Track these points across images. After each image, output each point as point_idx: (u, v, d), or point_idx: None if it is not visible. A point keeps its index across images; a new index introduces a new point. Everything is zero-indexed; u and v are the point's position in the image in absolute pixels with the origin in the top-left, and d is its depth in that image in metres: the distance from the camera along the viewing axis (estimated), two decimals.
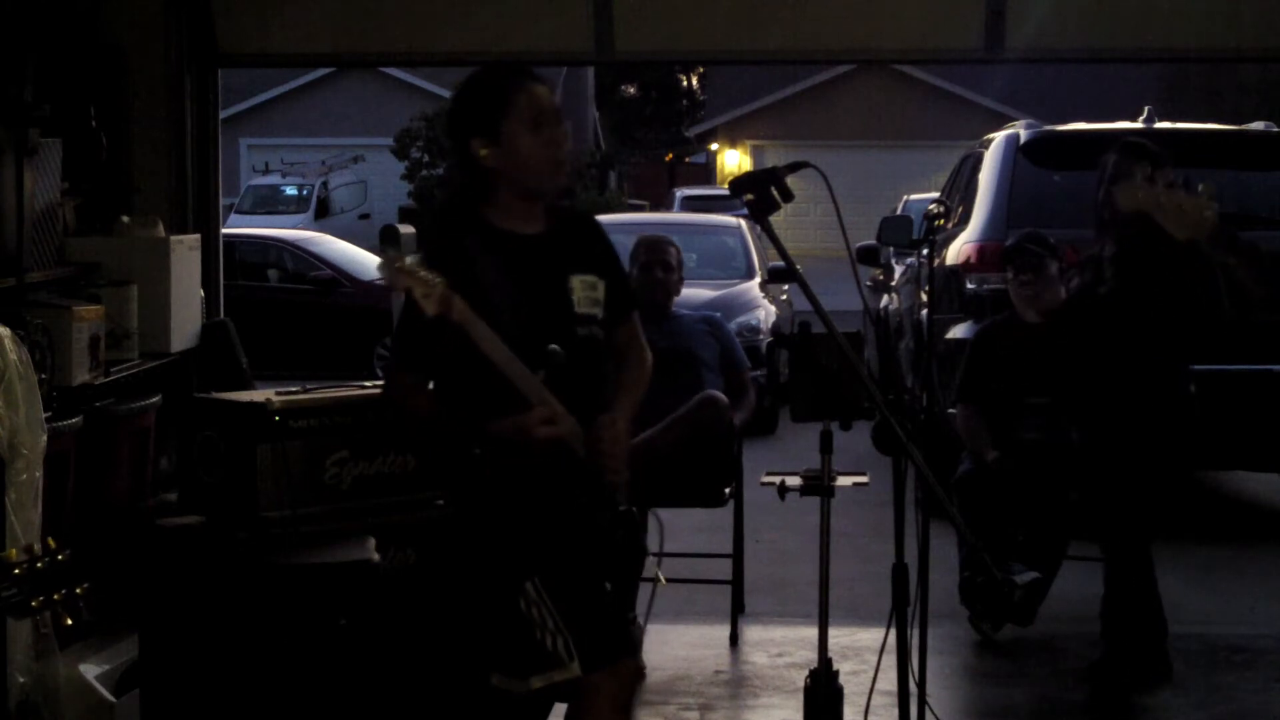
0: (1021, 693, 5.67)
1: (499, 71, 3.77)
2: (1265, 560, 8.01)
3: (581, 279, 3.77)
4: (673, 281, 6.53)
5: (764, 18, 6.46)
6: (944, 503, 3.94)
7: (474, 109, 3.70)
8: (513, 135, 3.65)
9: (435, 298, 3.38)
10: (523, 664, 3.62)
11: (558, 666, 3.59)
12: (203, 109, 6.51)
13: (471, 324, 3.45)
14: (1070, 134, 9.08)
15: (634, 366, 3.90)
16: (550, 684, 3.61)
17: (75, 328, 5.10)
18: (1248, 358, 7.90)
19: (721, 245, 14.37)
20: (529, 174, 3.69)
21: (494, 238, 3.69)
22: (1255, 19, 6.36)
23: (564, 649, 3.59)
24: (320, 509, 4.66)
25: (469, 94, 3.74)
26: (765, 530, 7.90)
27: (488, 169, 3.68)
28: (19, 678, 4.45)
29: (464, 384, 3.61)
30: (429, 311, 3.37)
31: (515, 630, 3.64)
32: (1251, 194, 8.70)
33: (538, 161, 3.68)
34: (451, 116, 3.76)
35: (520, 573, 3.64)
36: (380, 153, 33.62)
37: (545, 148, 3.68)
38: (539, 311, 3.66)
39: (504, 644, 3.67)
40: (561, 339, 3.66)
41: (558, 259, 3.75)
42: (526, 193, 3.72)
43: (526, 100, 3.66)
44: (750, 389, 6.63)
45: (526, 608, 3.61)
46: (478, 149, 3.67)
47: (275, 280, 16.18)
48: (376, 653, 4.33)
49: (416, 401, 3.68)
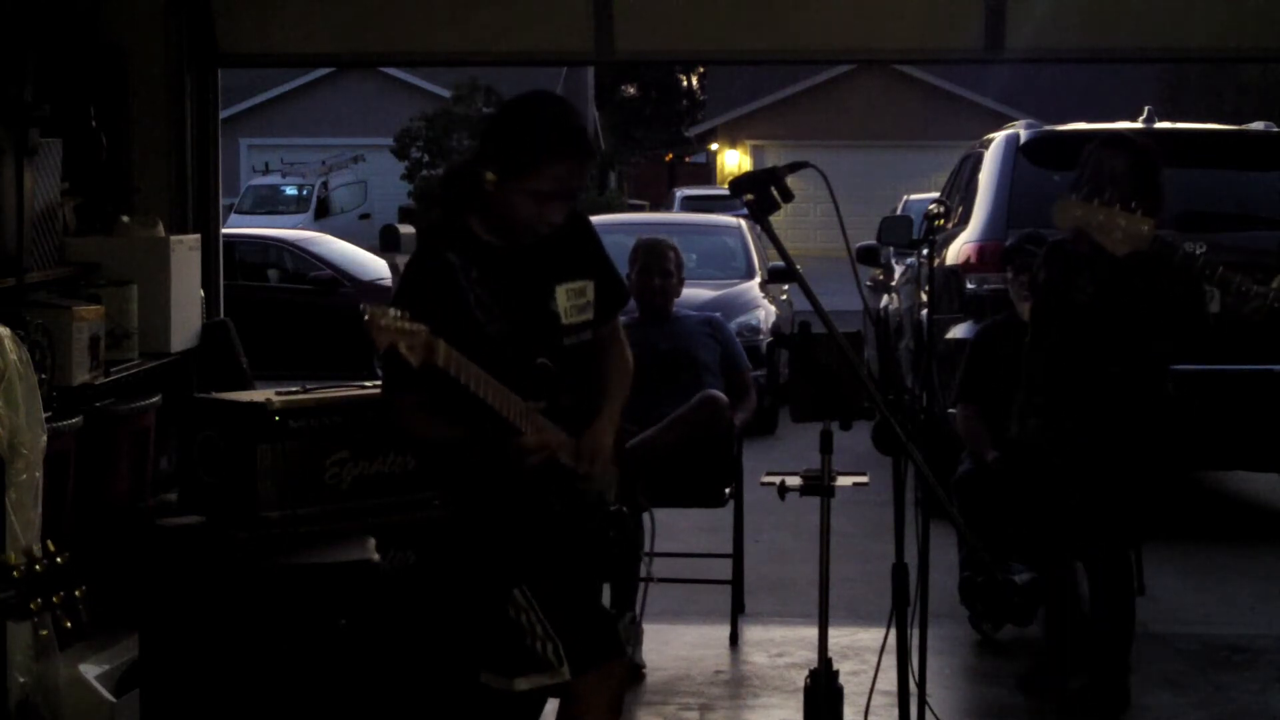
0: (1022, 692, 5.66)
1: (556, 129, 3.69)
2: (1265, 560, 8.01)
3: (568, 287, 3.79)
4: (672, 286, 6.53)
5: (764, 18, 6.46)
6: (944, 503, 3.94)
7: (509, 146, 3.66)
8: (519, 192, 3.65)
9: (419, 347, 3.36)
10: (510, 665, 3.67)
11: (547, 670, 3.66)
12: (203, 109, 6.50)
13: (459, 366, 3.45)
14: (1070, 134, 9.06)
15: (616, 366, 3.94)
16: (537, 687, 3.67)
17: (75, 328, 5.10)
18: (1248, 358, 7.90)
19: (721, 245, 14.36)
20: (511, 224, 3.71)
21: (479, 251, 3.70)
22: (1255, 19, 6.36)
23: (553, 654, 3.65)
24: (320, 509, 4.66)
25: (517, 129, 3.69)
26: (765, 530, 7.90)
27: (486, 191, 3.69)
28: (19, 678, 4.45)
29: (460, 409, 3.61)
30: (413, 362, 3.36)
31: (503, 633, 3.68)
32: (1251, 194, 8.70)
33: (524, 223, 3.69)
34: (490, 133, 3.73)
35: (509, 580, 3.69)
36: (380, 153, 33.63)
37: (540, 217, 3.68)
38: (525, 326, 3.69)
39: (493, 645, 3.71)
40: (549, 352, 3.69)
41: (544, 269, 3.76)
42: (498, 229, 3.73)
43: (555, 174, 3.64)
44: (751, 390, 6.62)
45: (515, 614, 3.68)
46: (487, 175, 3.66)
47: (275, 280, 16.16)
48: (376, 653, 4.33)
49: (420, 423, 3.68)
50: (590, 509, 3.80)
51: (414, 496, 4.82)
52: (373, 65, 25.81)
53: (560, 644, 3.64)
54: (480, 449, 3.66)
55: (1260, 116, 10.30)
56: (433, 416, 3.65)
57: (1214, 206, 8.39)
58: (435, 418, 3.65)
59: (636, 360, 4.05)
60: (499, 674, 3.72)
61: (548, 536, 3.74)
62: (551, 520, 3.74)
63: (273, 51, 6.88)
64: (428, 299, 3.53)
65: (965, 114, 32.63)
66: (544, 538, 3.74)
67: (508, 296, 3.68)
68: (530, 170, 3.62)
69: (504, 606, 3.68)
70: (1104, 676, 5.46)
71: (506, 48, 6.64)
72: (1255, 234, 8.18)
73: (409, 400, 3.63)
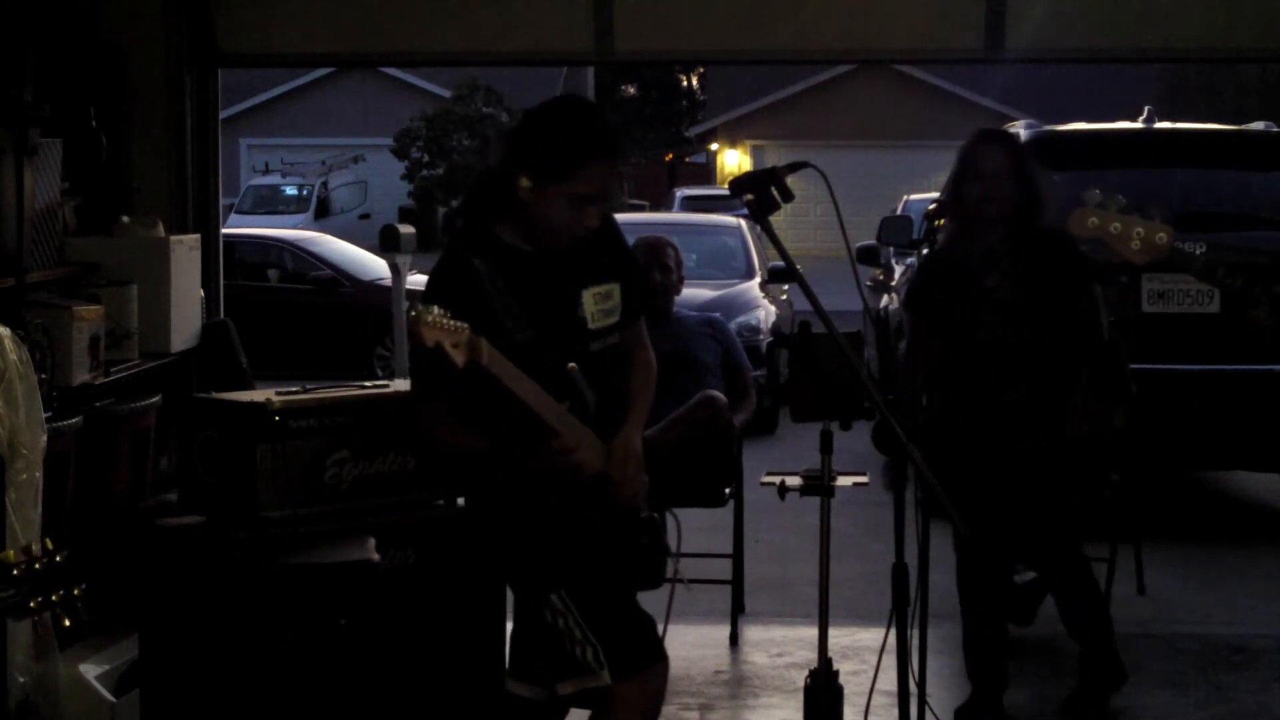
0: (1021, 693, 5.66)
1: (591, 132, 3.66)
2: (1265, 560, 8.01)
3: (594, 291, 3.77)
4: (672, 283, 6.53)
5: (764, 18, 6.46)
6: (944, 503, 3.94)
7: (545, 151, 3.62)
8: (557, 197, 3.62)
9: (464, 346, 3.34)
10: (550, 671, 3.66)
11: (588, 674, 3.64)
12: (203, 109, 6.50)
13: (500, 365, 3.43)
14: (1070, 134, 9.07)
15: (640, 372, 3.92)
16: (580, 690, 3.66)
17: (75, 328, 5.10)
18: (1248, 358, 7.91)
19: (721, 245, 14.37)
20: (545, 231, 3.67)
21: (506, 257, 3.67)
22: (1255, 19, 6.36)
23: (594, 658, 3.63)
24: (320, 509, 4.65)
25: (552, 134, 3.65)
26: (765, 530, 7.90)
27: (518, 197, 3.66)
28: (19, 678, 4.45)
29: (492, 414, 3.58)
30: (458, 362, 3.32)
31: (541, 638, 3.67)
32: (1251, 194, 8.70)
33: (561, 228, 3.66)
34: (521, 138, 3.69)
35: (546, 584, 3.67)
36: (380, 153, 33.67)
37: (574, 222, 3.66)
38: (552, 331, 3.66)
39: (529, 652, 3.70)
40: (576, 356, 3.67)
41: (571, 274, 3.74)
42: (533, 234, 3.71)
43: (588, 177, 3.62)
44: (751, 391, 6.63)
45: (552, 619, 3.66)
46: (521, 180, 3.63)
47: (275, 280, 16.18)
48: (376, 653, 4.33)
49: (447, 433, 3.64)
50: (622, 516, 3.79)
51: (414, 496, 4.82)
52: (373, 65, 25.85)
53: (600, 648, 3.63)
54: (508, 460, 3.64)
55: (1260, 116, 10.30)
56: (460, 425, 3.61)
57: (1214, 206, 8.40)
58: (462, 427, 3.61)
59: None
60: (536, 682, 3.71)
61: (582, 541, 3.72)
62: (585, 525, 3.72)
63: (273, 51, 6.88)
64: (455, 306, 3.49)
65: (965, 114, 32.58)
66: (578, 542, 3.71)
67: (535, 303, 3.65)
68: (568, 174, 3.59)
69: (541, 611, 3.66)
70: (1089, 683, 5.45)
71: (506, 48, 6.64)
72: (1255, 234, 8.18)
73: (439, 406, 3.58)
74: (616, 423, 3.78)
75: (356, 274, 15.86)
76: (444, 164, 32.36)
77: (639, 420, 3.84)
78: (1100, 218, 3.86)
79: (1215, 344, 7.94)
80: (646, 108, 44.93)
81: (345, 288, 15.66)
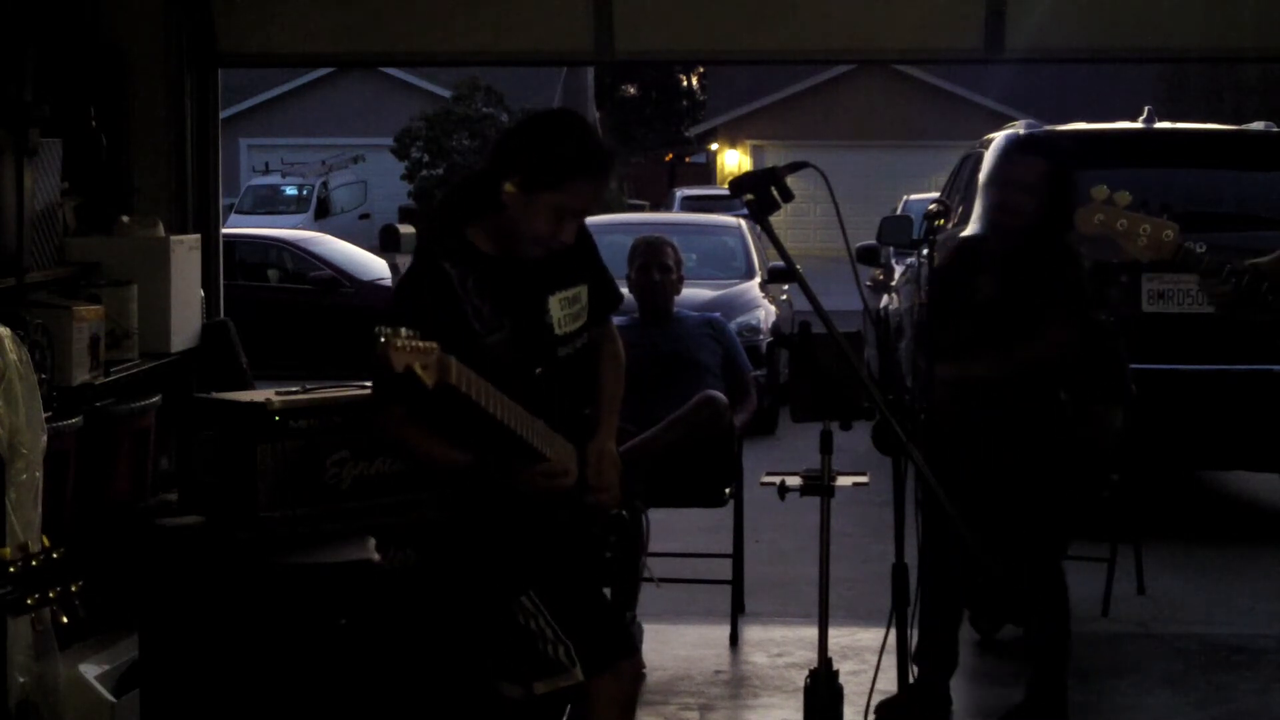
0: (1022, 693, 5.66)
1: (588, 148, 3.67)
2: (1265, 560, 8.01)
3: (561, 296, 3.79)
4: (671, 282, 6.53)
5: (764, 18, 6.46)
6: (944, 502, 3.94)
7: (539, 159, 3.63)
8: (542, 205, 3.63)
9: (433, 367, 3.34)
10: (525, 670, 3.68)
11: (561, 673, 3.68)
12: (203, 109, 6.50)
13: (471, 383, 3.44)
14: (1070, 134, 9.07)
15: (610, 367, 3.94)
16: (555, 689, 3.69)
17: (75, 328, 5.10)
18: (1248, 358, 7.91)
19: (721, 245, 14.37)
20: (522, 236, 3.69)
21: (476, 262, 3.69)
22: (1255, 19, 6.36)
23: (565, 656, 3.66)
24: (320, 509, 4.65)
25: (549, 143, 3.66)
26: (765, 530, 7.90)
27: (501, 200, 3.67)
28: (19, 678, 4.44)
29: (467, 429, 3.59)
30: (429, 382, 3.33)
31: (514, 639, 3.69)
32: (1251, 194, 8.71)
33: (538, 237, 3.68)
34: (514, 144, 3.70)
35: (515, 586, 3.70)
36: (380, 153, 33.63)
37: (551, 235, 3.67)
38: (520, 337, 3.69)
39: (505, 653, 3.72)
40: (544, 362, 3.69)
41: (538, 281, 3.76)
42: (506, 240, 3.72)
43: (577, 191, 3.64)
44: (751, 391, 6.63)
45: (524, 620, 3.70)
46: (506, 185, 3.64)
47: (275, 280, 16.18)
48: (376, 653, 4.33)
49: (411, 435, 3.66)
50: (591, 515, 3.81)
51: (414, 496, 4.81)
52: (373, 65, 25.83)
53: (571, 646, 3.67)
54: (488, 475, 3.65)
55: (1260, 116, 10.31)
56: (429, 431, 3.62)
57: (1214, 206, 8.40)
58: (433, 435, 3.63)
59: (637, 362, 4.07)
60: (515, 681, 3.74)
61: (551, 542, 3.75)
62: (555, 527, 3.75)
63: (273, 51, 6.87)
64: (424, 309, 3.52)
65: (965, 114, 32.63)
66: (547, 544, 3.74)
67: (503, 307, 3.67)
68: (558, 185, 3.61)
69: (513, 613, 3.70)
70: (1039, 693, 5.32)
71: (506, 48, 6.64)
72: (1255, 234, 8.18)
73: (395, 413, 3.60)
74: (590, 425, 3.81)
75: (356, 274, 15.85)
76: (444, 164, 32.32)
77: (612, 421, 3.87)
78: (1106, 214, 3.85)
79: (1215, 344, 7.94)
80: (646, 108, 44.92)
81: (345, 288, 15.66)
